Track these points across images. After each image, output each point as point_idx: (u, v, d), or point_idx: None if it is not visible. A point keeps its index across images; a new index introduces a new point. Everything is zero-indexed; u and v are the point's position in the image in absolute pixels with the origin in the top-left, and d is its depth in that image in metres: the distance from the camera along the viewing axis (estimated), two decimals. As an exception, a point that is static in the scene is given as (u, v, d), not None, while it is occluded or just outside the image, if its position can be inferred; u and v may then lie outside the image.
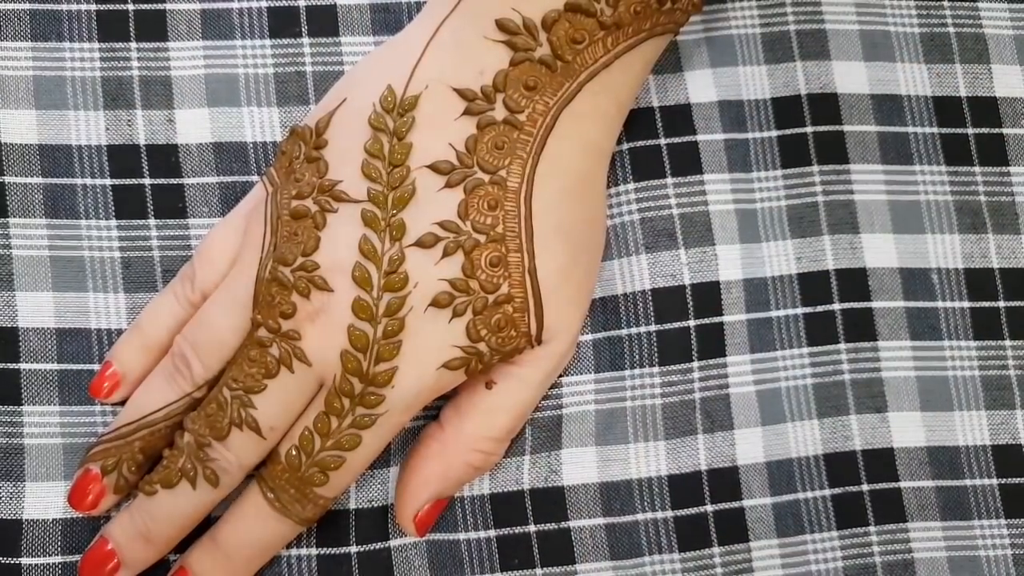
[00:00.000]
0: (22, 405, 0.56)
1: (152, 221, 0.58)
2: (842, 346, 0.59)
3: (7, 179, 0.57)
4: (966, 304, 0.60)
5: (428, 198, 0.52)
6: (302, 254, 0.52)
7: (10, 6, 0.59)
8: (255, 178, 0.58)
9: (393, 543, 0.57)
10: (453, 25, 0.53)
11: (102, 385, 0.55)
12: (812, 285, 0.59)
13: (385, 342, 0.51)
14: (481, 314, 0.52)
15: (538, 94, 0.53)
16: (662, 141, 0.60)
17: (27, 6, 0.59)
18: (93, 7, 0.59)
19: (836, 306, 0.59)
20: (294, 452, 0.53)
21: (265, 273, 0.52)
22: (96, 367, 0.57)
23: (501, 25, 0.52)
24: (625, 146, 0.59)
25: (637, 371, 0.58)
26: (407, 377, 0.52)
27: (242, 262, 0.53)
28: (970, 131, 0.61)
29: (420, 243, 0.52)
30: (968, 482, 0.58)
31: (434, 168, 0.52)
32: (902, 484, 0.58)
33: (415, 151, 0.52)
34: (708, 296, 0.58)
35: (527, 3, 0.52)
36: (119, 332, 0.57)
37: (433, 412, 0.57)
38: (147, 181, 0.58)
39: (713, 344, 0.58)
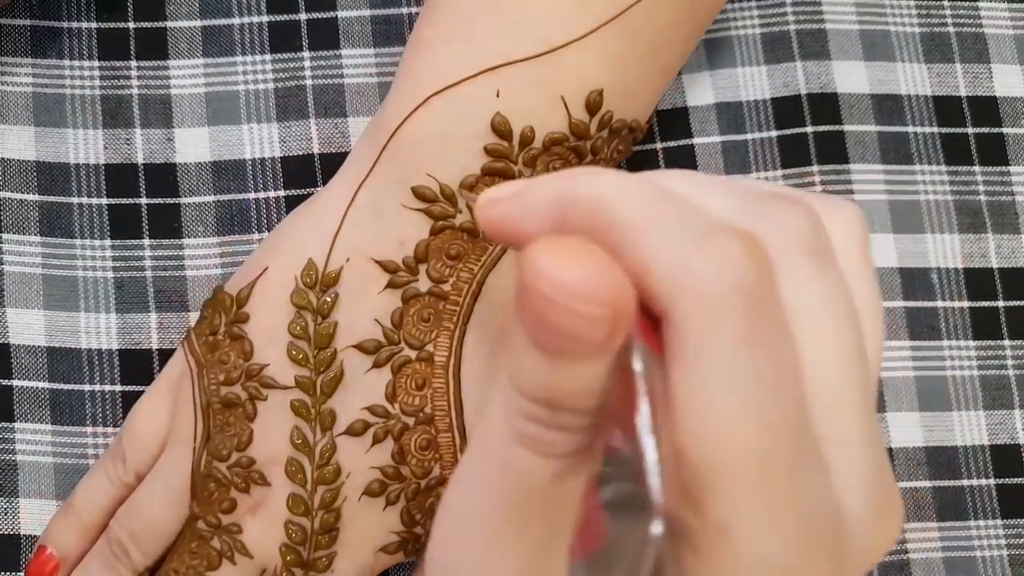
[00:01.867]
0: (15, 422, 0.56)
1: (146, 241, 0.57)
2: (841, 346, 0.58)
3: (3, 195, 0.57)
4: (965, 304, 0.59)
5: (356, 380, 0.51)
6: (236, 448, 0.51)
7: (10, 21, 0.59)
8: (251, 195, 0.58)
9: None
10: (370, 190, 0.52)
11: (38, 572, 0.54)
12: (812, 286, 0.59)
13: (322, 533, 0.51)
14: (415, 500, 0.51)
15: (462, 262, 0.51)
16: (658, 145, 0.59)
17: (27, 22, 0.58)
18: (94, 24, 0.59)
19: (835, 306, 0.59)
20: None
21: (200, 467, 0.51)
22: (87, 387, 0.56)
23: (418, 193, 0.51)
24: (622, 152, 0.59)
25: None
26: (345, 561, 0.51)
27: (174, 449, 0.52)
28: (970, 131, 0.60)
29: (350, 431, 0.51)
30: (965, 482, 0.58)
31: (360, 348, 0.51)
32: (899, 484, 0.57)
33: (340, 330, 0.51)
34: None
35: (442, 168, 0.51)
36: (109, 353, 0.56)
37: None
38: (143, 201, 0.58)
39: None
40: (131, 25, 0.59)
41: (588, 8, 0.50)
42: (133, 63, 0.59)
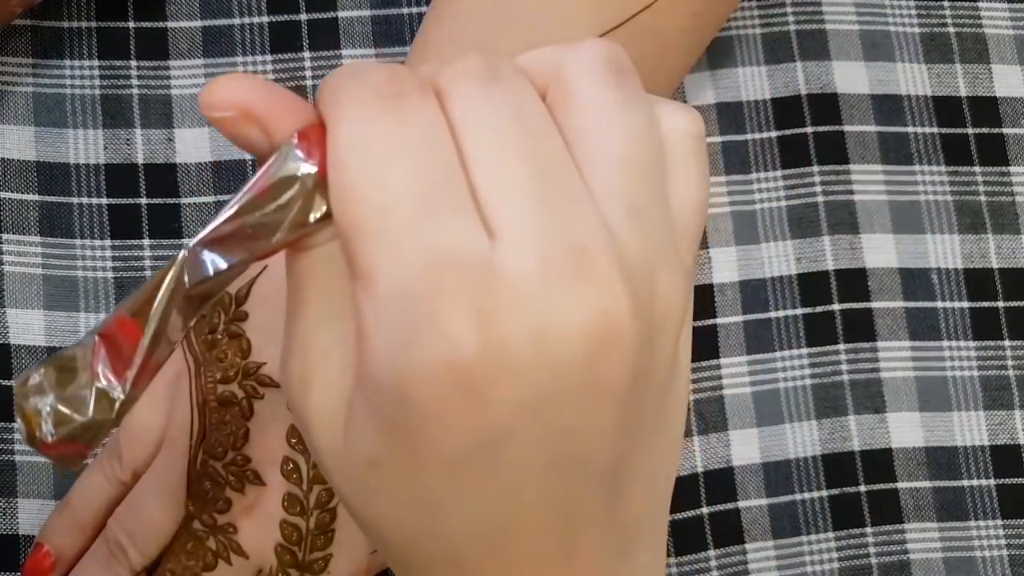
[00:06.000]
0: (14, 422, 0.54)
1: (146, 241, 0.57)
2: (841, 346, 0.58)
3: (3, 195, 0.57)
4: (965, 304, 0.59)
5: None
6: (232, 447, 0.51)
7: (12, 22, 0.58)
8: (252, 195, 0.58)
9: None
10: None
11: (35, 569, 0.53)
12: (812, 286, 0.58)
13: (318, 533, 0.51)
14: None
15: None
16: (659, 146, 0.59)
17: (28, 22, 0.58)
18: (94, 24, 0.58)
19: (835, 306, 0.58)
20: None
21: (197, 465, 0.51)
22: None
23: None
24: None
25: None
26: (341, 561, 0.51)
27: (171, 447, 0.52)
28: (970, 131, 0.60)
29: None
30: (965, 483, 0.57)
31: None
32: (899, 485, 0.57)
33: None
34: (701, 298, 0.58)
35: None
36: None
37: None
38: (144, 201, 0.57)
39: (706, 346, 0.57)
40: (131, 25, 0.59)
41: (593, 13, 0.50)
42: (133, 63, 0.58)
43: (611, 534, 0.36)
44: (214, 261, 0.34)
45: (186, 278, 0.34)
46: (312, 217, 0.34)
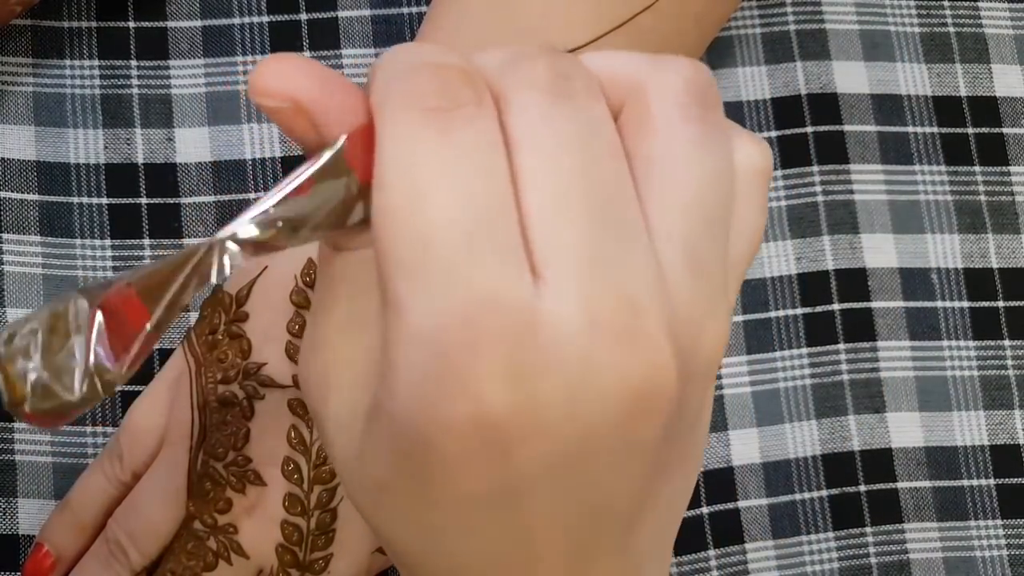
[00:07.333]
0: (14, 422, 0.55)
1: (146, 241, 0.57)
2: (841, 346, 0.58)
3: (3, 195, 0.57)
4: (965, 304, 0.59)
5: None
6: (232, 447, 0.51)
7: (12, 21, 0.58)
8: (252, 195, 0.58)
9: None
10: None
11: (35, 569, 0.53)
12: (811, 285, 0.58)
13: (319, 533, 0.51)
14: None
15: None
16: (659, 146, 0.59)
17: (28, 22, 0.58)
18: (94, 24, 0.58)
19: (835, 306, 0.58)
20: None
21: (197, 466, 0.51)
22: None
23: None
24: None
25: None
26: (342, 561, 0.51)
27: (171, 448, 0.52)
28: (970, 131, 0.60)
29: None
30: (965, 482, 0.57)
31: None
32: (899, 485, 0.57)
33: None
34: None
35: None
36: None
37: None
38: (144, 200, 0.57)
39: (707, 346, 0.58)
40: (131, 25, 0.59)
41: (595, 14, 0.50)
42: (133, 63, 0.58)
43: (624, 559, 0.35)
44: (239, 253, 0.33)
45: (212, 271, 0.33)
46: (350, 221, 0.33)
